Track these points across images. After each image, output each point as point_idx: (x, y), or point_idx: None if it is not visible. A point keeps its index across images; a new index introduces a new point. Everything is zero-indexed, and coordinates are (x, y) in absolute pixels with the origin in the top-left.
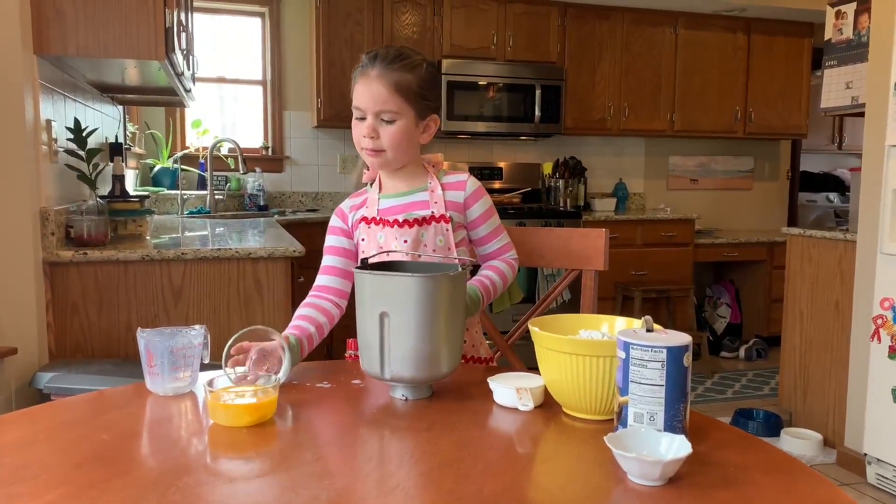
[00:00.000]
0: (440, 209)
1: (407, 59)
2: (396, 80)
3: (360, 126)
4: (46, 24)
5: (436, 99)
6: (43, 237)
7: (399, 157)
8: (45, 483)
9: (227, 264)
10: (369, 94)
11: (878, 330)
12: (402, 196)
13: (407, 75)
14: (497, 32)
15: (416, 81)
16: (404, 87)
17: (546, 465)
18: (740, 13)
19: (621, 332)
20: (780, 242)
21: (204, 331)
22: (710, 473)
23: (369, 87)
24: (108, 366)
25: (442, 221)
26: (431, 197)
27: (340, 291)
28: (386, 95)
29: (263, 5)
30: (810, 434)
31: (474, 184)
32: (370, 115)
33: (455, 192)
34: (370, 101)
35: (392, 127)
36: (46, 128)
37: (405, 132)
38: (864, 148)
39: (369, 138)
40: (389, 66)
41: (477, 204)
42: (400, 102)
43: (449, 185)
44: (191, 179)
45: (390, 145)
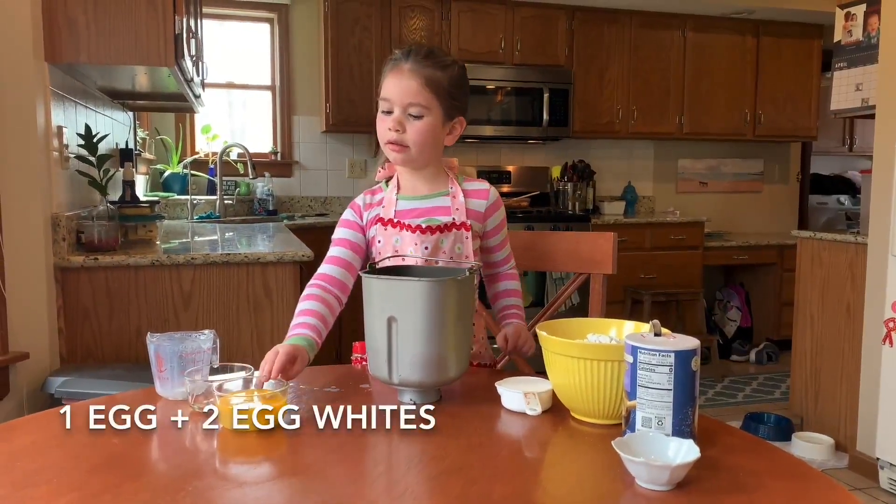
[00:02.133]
0: (461, 216)
1: (440, 57)
2: (428, 75)
3: (387, 119)
4: (58, 33)
5: (464, 101)
6: (54, 243)
7: (423, 155)
8: (57, 488)
9: (237, 269)
10: (400, 87)
11: (889, 333)
12: (422, 199)
13: (439, 72)
14: (505, 36)
15: (447, 80)
16: (435, 83)
17: (554, 469)
18: (749, 15)
19: (629, 336)
20: (791, 245)
21: (213, 335)
22: (719, 478)
23: (400, 79)
24: (119, 370)
25: (463, 229)
26: (453, 203)
27: (344, 285)
28: (417, 88)
29: (272, 11)
30: (822, 438)
31: (495, 194)
32: (398, 108)
33: (477, 201)
34: (400, 93)
35: (419, 122)
36: (58, 134)
37: (431, 130)
38: (874, 150)
39: (395, 132)
40: (423, 61)
41: (497, 213)
42: (429, 98)
43: (470, 192)
44: (200, 184)
45: (415, 142)
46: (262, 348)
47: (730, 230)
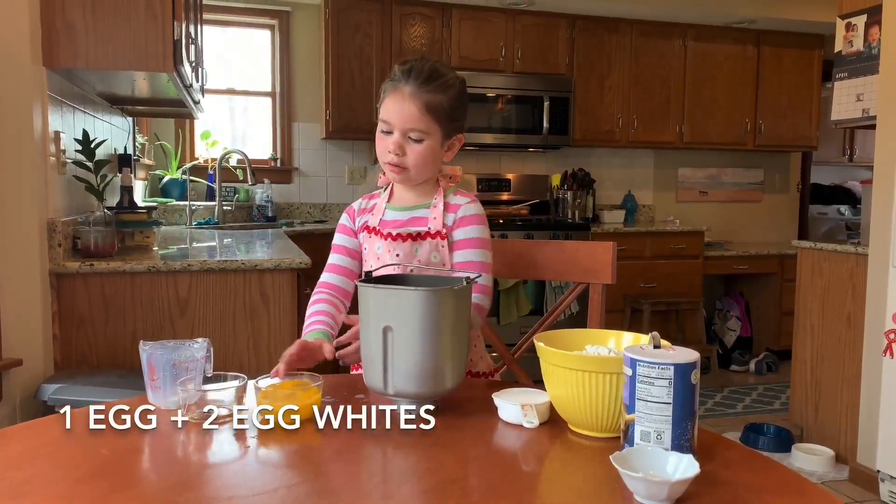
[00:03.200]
0: (437, 225)
1: (441, 78)
2: (429, 100)
3: (386, 140)
4: (56, 37)
5: (463, 118)
6: (50, 248)
7: (421, 175)
8: (45, 498)
9: (234, 276)
10: (400, 112)
11: (890, 345)
12: (406, 210)
13: (440, 96)
14: (505, 44)
15: (448, 102)
16: (435, 107)
17: (551, 483)
18: (750, 25)
19: (628, 349)
20: (791, 255)
21: (207, 344)
22: (718, 494)
23: (401, 104)
24: (114, 378)
25: (438, 238)
26: (432, 213)
27: (345, 292)
28: (417, 115)
29: (273, 18)
30: (822, 450)
31: (470, 210)
32: (397, 132)
33: (451, 215)
34: (400, 119)
35: (419, 146)
36: (55, 139)
37: (431, 152)
38: (875, 160)
39: (395, 154)
40: (423, 85)
41: (461, 230)
42: (429, 123)
43: (450, 205)
44: (199, 190)
45: (415, 164)
46: (259, 356)
47: (730, 239)
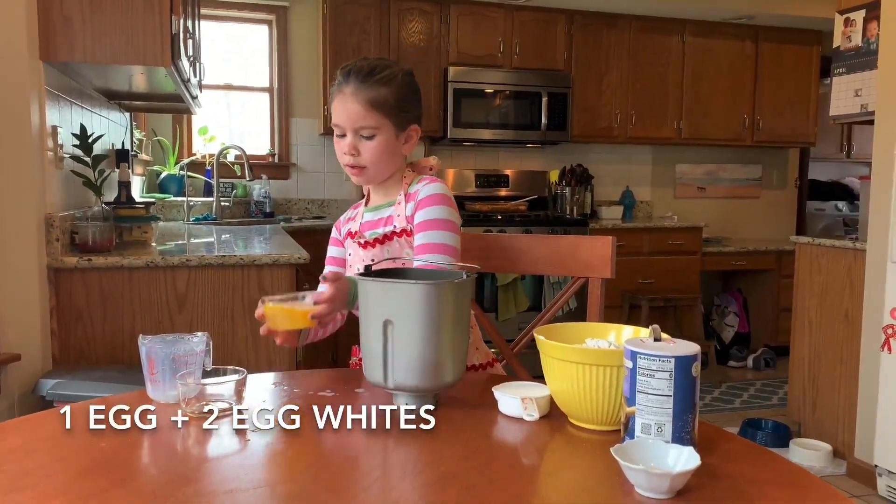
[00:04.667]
0: (401, 223)
1: (381, 72)
2: (372, 95)
3: (341, 143)
4: (53, 31)
5: (415, 109)
6: (48, 243)
7: (381, 171)
8: (43, 492)
9: (232, 271)
10: (345, 112)
11: (888, 340)
12: (374, 211)
13: (383, 89)
14: (504, 40)
15: (393, 95)
16: (381, 102)
17: (552, 477)
18: (748, 21)
19: (628, 342)
20: (789, 251)
21: (206, 338)
22: (719, 487)
23: (345, 104)
24: (112, 372)
25: (404, 235)
26: (395, 210)
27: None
28: (362, 112)
29: (271, 13)
30: (820, 445)
31: (428, 190)
32: (349, 133)
33: (410, 204)
34: (347, 118)
35: (372, 142)
36: (52, 134)
37: (386, 146)
38: (873, 156)
39: (350, 155)
40: (363, 82)
41: (420, 212)
42: (378, 118)
43: (410, 195)
44: (197, 186)
45: (371, 161)
46: (258, 351)
47: (728, 235)
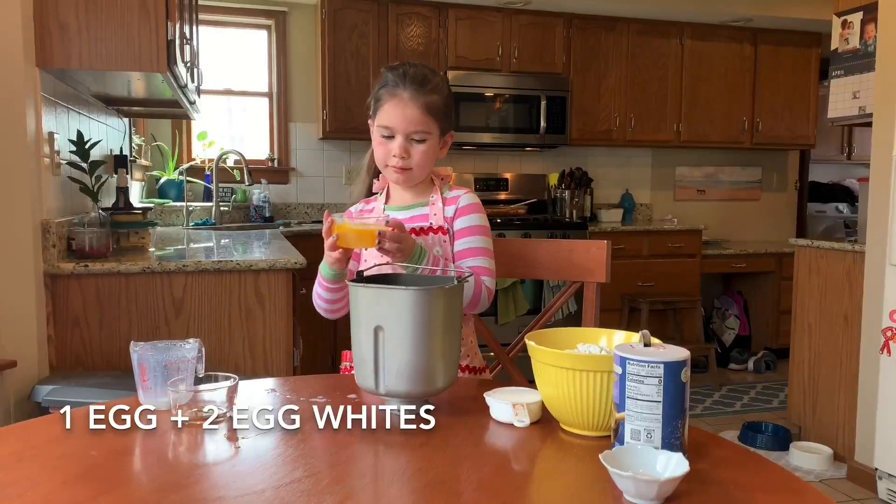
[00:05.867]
0: (438, 221)
1: (434, 79)
2: (428, 102)
3: (388, 144)
4: (49, 38)
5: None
6: (44, 249)
7: (423, 173)
8: (29, 501)
9: (229, 276)
10: (403, 116)
11: (888, 342)
12: (406, 209)
13: (436, 96)
14: (502, 44)
15: (443, 102)
16: (434, 108)
17: (542, 482)
18: (746, 24)
19: (618, 347)
20: (789, 254)
21: (198, 345)
22: (709, 493)
23: (403, 109)
24: (108, 379)
25: (440, 233)
26: (432, 210)
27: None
28: (420, 117)
29: (269, 18)
30: (820, 448)
31: (469, 199)
32: (400, 136)
33: (449, 207)
34: (403, 123)
35: (422, 146)
36: (49, 140)
37: (432, 150)
38: (872, 158)
39: (401, 157)
40: (421, 88)
41: (462, 218)
42: (430, 123)
43: (448, 199)
44: (197, 191)
45: (418, 164)
46: (255, 356)
47: (728, 238)
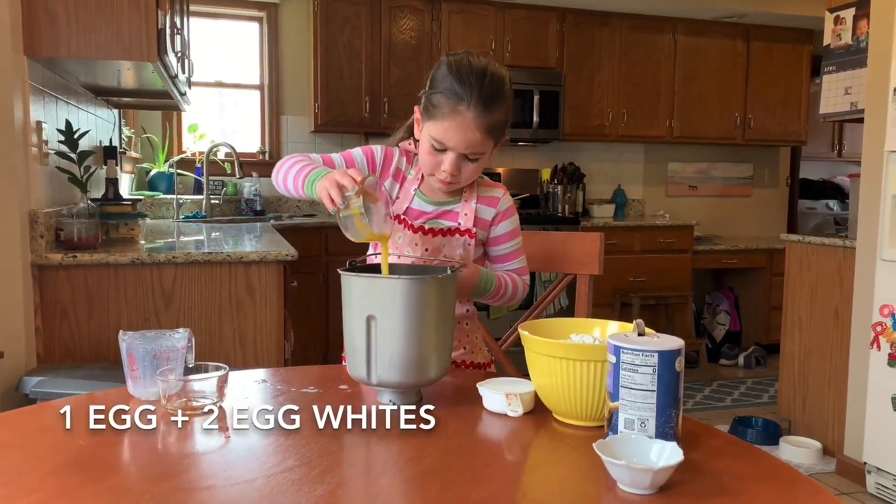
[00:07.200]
0: (468, 223)
1: (500, 92)
2: (491, 122)
3: (438, 157)
4: (37, 26)
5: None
6: (32, 240)
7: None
8: (15, 490)
9: (219, 268)
10: (463, 139)
11: (877, 337)
12: (437, 205)
13: (499, 114)
14: (495, 38)
15: (505, 116)
16: (495, 127)
17: (535, 472)
18: (739, 20)
19: (612, 336)
20: (780, 249)
21: (188, 334)
22: (702, 482)
23: (465, 131)
24: (97, 370)
25: (467, 235)
26: (463, 209)
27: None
28: (481, 140)
29: (261, 10)
30: (809, 442)
31: (507, 201)
32: (454, 154)
33: (487, 209)
34: (462, 144)
35: (474, 164)
36: (37, 129)
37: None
38: (863, 153)
39: (451, 174)
40: (487, 108)
41: (506, 221)
42: (489, 143)
43: (483, 199)
44: (187, 184)
45: (466, 178)
46: (245, 348)
47: (719, 234)
